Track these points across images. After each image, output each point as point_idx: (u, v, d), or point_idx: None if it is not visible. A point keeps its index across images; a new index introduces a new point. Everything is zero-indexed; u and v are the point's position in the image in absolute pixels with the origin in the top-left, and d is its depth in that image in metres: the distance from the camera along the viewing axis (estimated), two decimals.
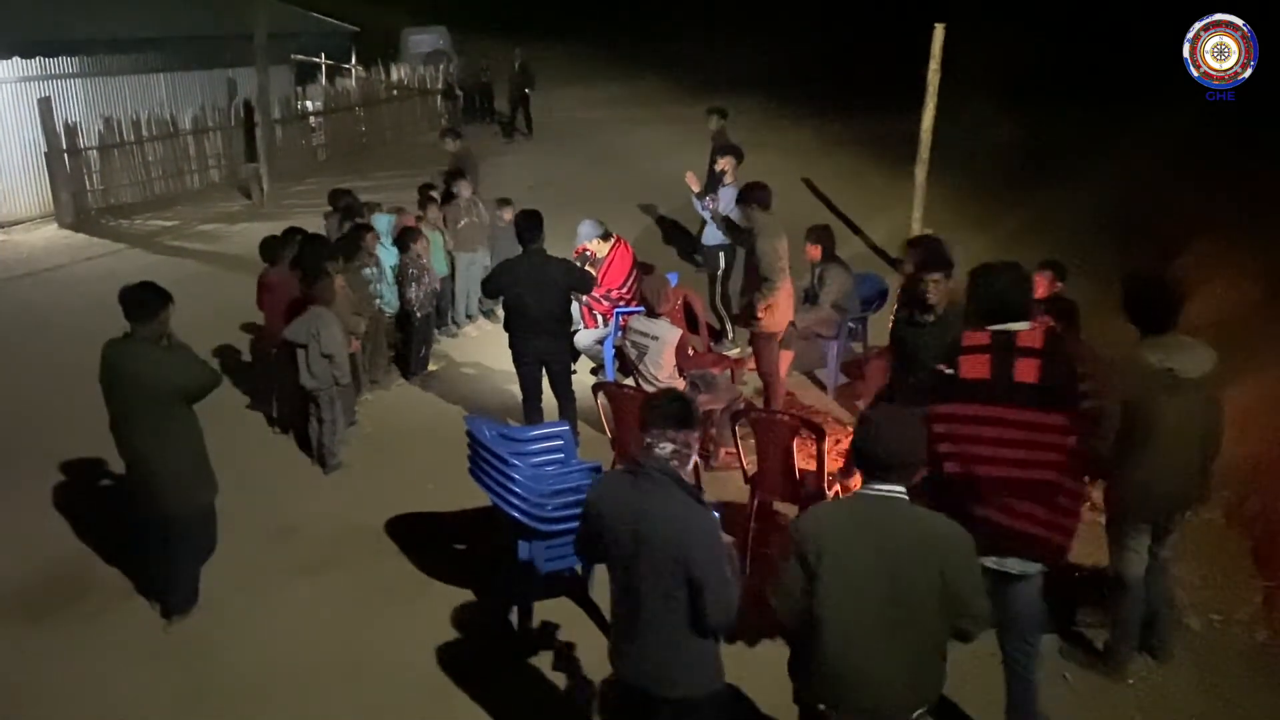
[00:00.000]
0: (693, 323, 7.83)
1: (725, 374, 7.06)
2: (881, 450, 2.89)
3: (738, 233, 7.22)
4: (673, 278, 7.58)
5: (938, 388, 3.63)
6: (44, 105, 12.96)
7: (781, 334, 6.84)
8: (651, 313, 6.59)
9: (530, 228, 6.39)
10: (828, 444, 5.20)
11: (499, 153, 16.61)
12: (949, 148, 9.93)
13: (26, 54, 13.83)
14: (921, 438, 2.99)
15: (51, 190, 13.45)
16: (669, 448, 3.01)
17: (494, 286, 6.67)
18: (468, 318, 9.45)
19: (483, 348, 8.83)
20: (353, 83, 18.98)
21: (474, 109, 19.57)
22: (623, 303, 7.91)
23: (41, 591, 5.35)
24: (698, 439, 3.15)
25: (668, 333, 6.43)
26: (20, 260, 11.99)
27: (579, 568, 4.96)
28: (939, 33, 8.95)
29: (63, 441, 6.65)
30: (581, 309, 8.02)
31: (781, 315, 6.74)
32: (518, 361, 6.55)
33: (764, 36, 19.89)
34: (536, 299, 6.31)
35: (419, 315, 8.06)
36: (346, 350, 6.61)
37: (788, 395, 7.20)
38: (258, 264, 7.38)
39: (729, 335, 8.76)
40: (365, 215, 8.31)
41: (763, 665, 4.32)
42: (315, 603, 5.22)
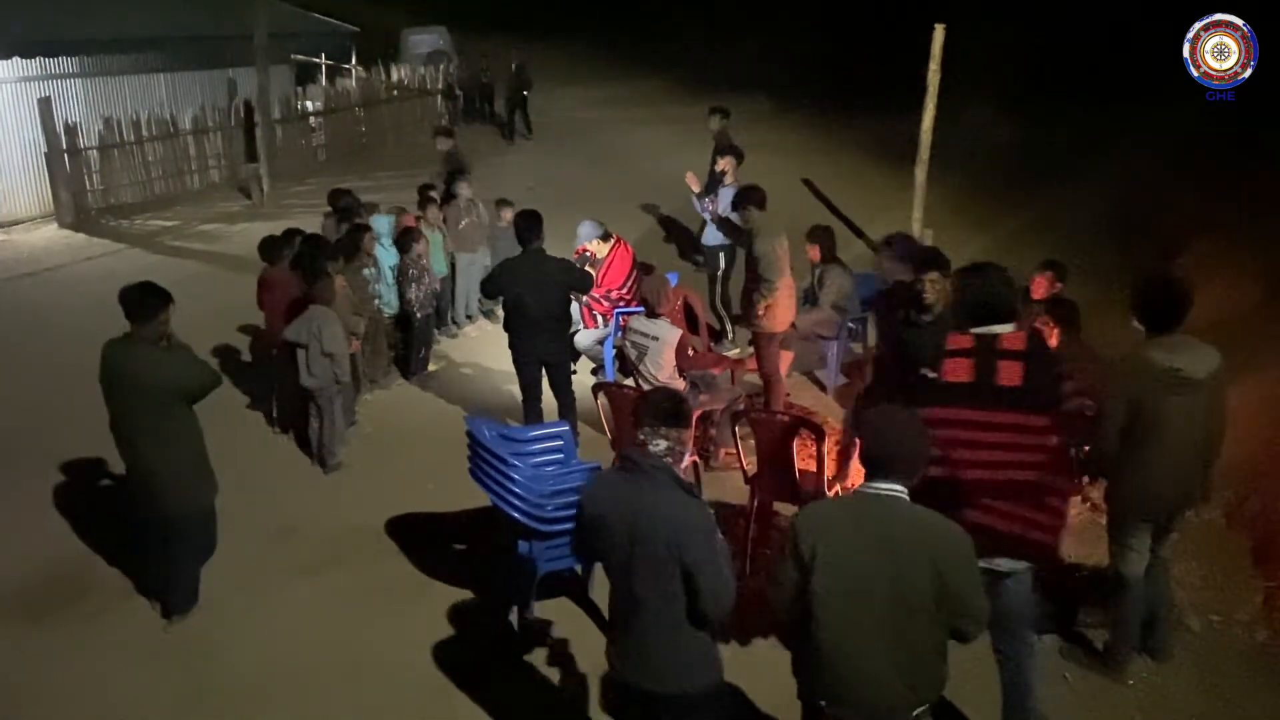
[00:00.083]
0: (693, 323, 7.82)
1: (725, 374, 7.06)
2: (881, 449, 2.90)
3: (737, 233, 7.22)
4: (673, 278, 7.57)
5: (921, 392, 3.63)
6: (44, 105, 12.95)
7: (782, 334, 6.84)
8: (651, 313, 6.59)
9: (530, 228, 6.39)
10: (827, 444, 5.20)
11: (499, 153, 16.61)
12: (949, 148, 9.93)
13: (26, 54, 13.82)
14: (924, 437, 2.98)
15: (51, 190, 13.44)
16: (663, 444, 3.06)
17: (494, 287, 6.68)
18: (468, 318, 9.45)
19: (483, 348, 8.83)
20: (353, 83, 18.97)
21: (474, 109, 19.56)
22: (623, 303, 7.91)
23: (41, 591, 5.35)
24: (690, 436, 3.18)
25: (668, 333, 6.43)
26: (20, 260, 11.98)
27: (579, 568, 4.96)
28: (939, 33, 8.95)
29: (63, 441, 6.65)
30: (581, 309, 8.02)
31: (782, 315, 6.75)
32: (517, 361, 6.55)
33: (764, 36, 19.89)
34: (536, 299, 6.32)
35: (419, 316, 8.06)
36: (347, 349, 6.61)
37: (786, 396, 7.20)
38: (258, 264, 7.38)
39: (729, 335, 8.76)
40: (363, 216, 8.31)
41: (763, 664, 4.33)
42: (315, 603, 5.23)
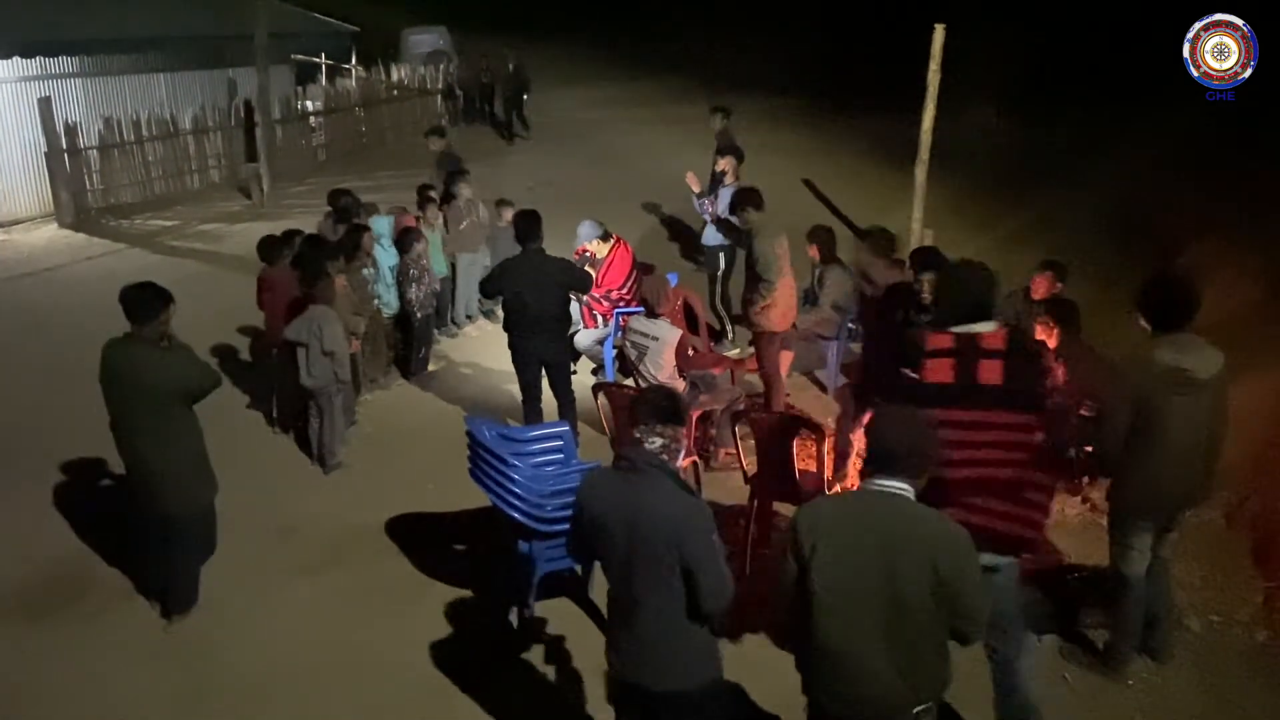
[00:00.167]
0: (693, 323, 7.82)
1: (725, 374, 7.05)
2: (884, 445, 2.89)
3: (736, 234, 7.22)
4: (673, 278, 7.58)
5: (902, 393, 3.64)
6: (44, 105, 12.94)
7: (782, 334, 6.84)
8: (651, 313, 6.59)
9: (529, 228, 6.39)
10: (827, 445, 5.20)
11: (499, 153, 16.61)
12: (949, 148, 9.92)
13: (26, 54, 13.81)
14: (931, 437, 2.97)
15: (51, 190, 13.43)
16: (658, 442, 3.08)
17: (493, 287, 6.68)
18: (468, 318, 9.45)
19: (482, 348, 8.83)
20: (353, 83, 18.97)
21: (474, 109, 19.56)
22: (623, 303, 7.91)
23: (41, 591, 5.35)
24: (685, 433, 3.20)
25: (668, 333, 6.44)
26: (20, 260, 11.97)
27: (579, 568, 4.96)
28: (939, 33, 8.94)
29: (63, 441, 6.65)
30: (581, 309, 8.02)
31: (782, 315, 6.74)
32: (517, 361, 6.55)
33: (764, 37, 19.91)
34: (536, 299, 6.32)
35: (419, 315, 8.06)
36: (347, 349, 6.61)
37: (786, 396, 7.19)
38: (258, 264, 7.38)
39: (729, 335, 8.76)
40: (363, 216, 8.31)
41: (763, 664, 4.33)
42: (315, 603, 5.22)
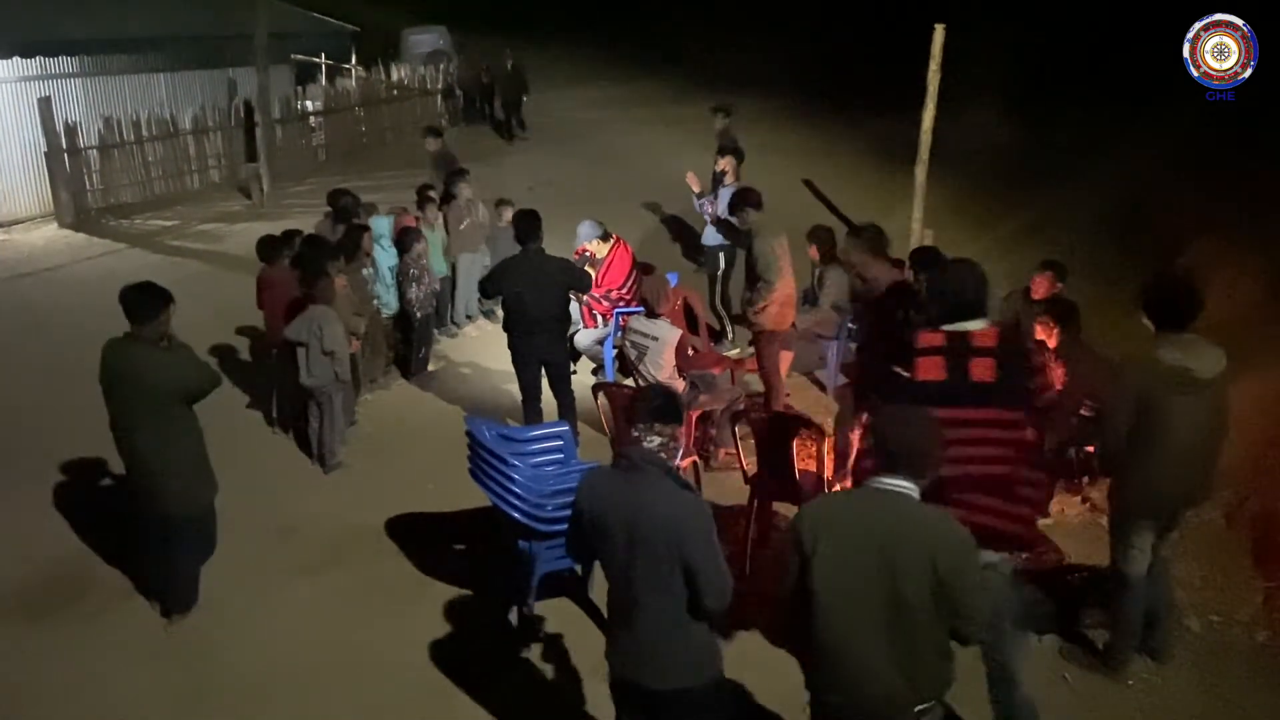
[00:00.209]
0: (693, 323, 7.82)
1: (725, 374, 7.05)
2: (889, 443, 2.89)
3: (736, 235, 7.22)
4: (673, 278, 7.58)
5: (894, 391, 3.64)
6: (44, 105, 12.93)
7: (782, 334, 6.84)
8: (651, 313, 6.59)
9: (529, 228, 6.39)
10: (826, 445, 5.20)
11: (499, 153, 16.61)
12: (949, 148, 9.91)
13: (26, 54, 13.81)
14: (937, 437, 2.96)
15: (51, 190, 13.43)
16: (657, 440, 3.10)
17: (493, 286, 6.68)
18: (468, 318, 9.45)
19: (483, 348, 8.83)
20: (353, 83, 18.97)
21: (474, 109, 19.55)
22: (622, 303, 7.91)
23: (41, 591, 5.35)
24: (684, 433, 3.22)
25: (668, 333, 6.44)
26: (20, 260, 11.97)
27: (579, 568, 4.96)
28: (939, 33, 8.93)
29: (63, 441, 6.64)
30: (581, 309, 8.02)
31: (782, 315, 6.74)
32: (517, 361, 6.55)
33: (764, 37, 19.88)
34: (536, 298, 6.32)
35: (419, 315, 8.06)
36: (347, 349, 6.61)
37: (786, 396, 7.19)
38: (258, 264, 7.38)
39: (729, 335, 8.76)
40: (362, 216, 8.30)
41: (763, 663, 4.33)
42: (315, 603, 5.23)
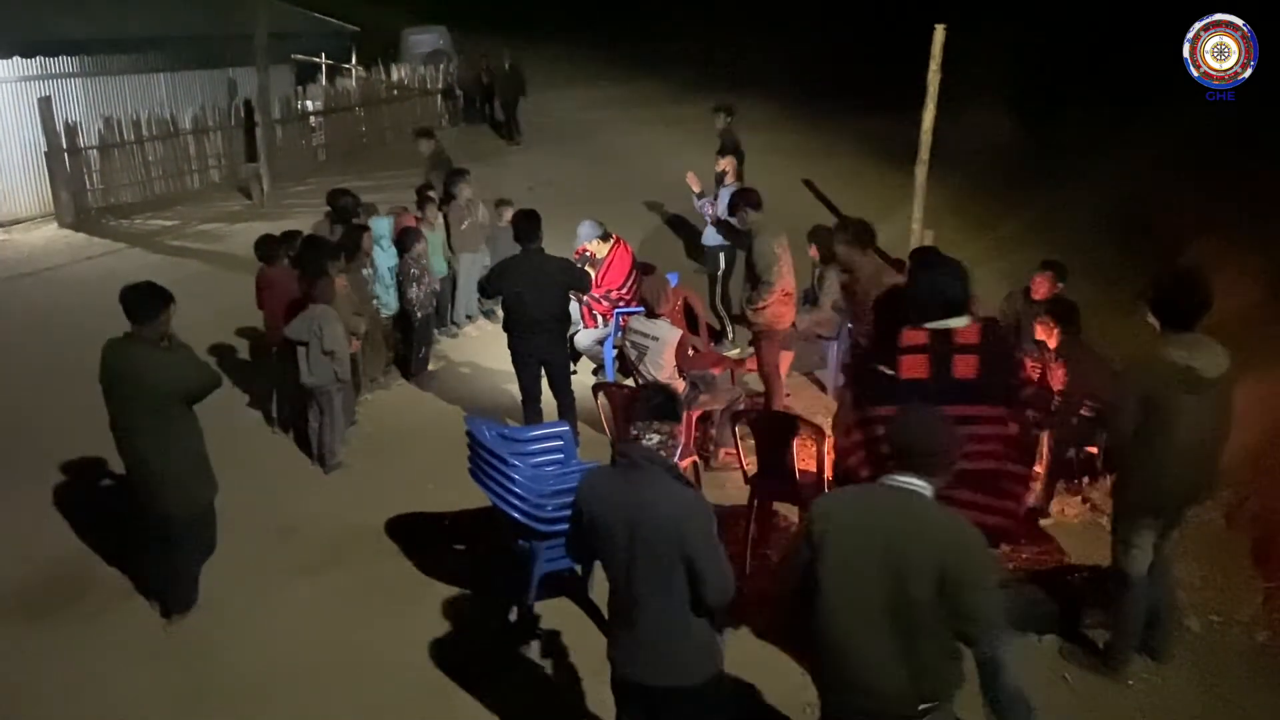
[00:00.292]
0: (693, 323, 7.82)
1: (725, 374, 7.05)
2: (904, 441, 2.88)
3: (735, 235, 7.22)
4: (673, 278, 7.58)
5: (880, 390, 3.64)
6: (44, 105, 12.93)
7: (782, 334, 6.84)
8: (651, 313, 6.59)
9: (528, 228, 6.39)
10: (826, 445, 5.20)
11: (499, 153, 16.61)
12: (949, 148, 9.91)
13: (26, 54, 13.80)
14: (951, 436, 2.94)
15: (51, 190, 13.42)
16: (656, 438, 3.10)
17: (493, 287, 6.68)
18: (467, 318, 9.45)
19: (482, 348, 8.83)
20: (353, 83, 18.95)
21: (474, 109, 19.55)
22: (622, 303, 7.91)
23: (41, 591, 5.35)
24: (683, 431, 3.23)
25: (668, 333, 6.44)
26: (20, 260, 11.96)
27: (579, 568, 4.96)
28: (939, 34, 8.93)
29: (63, 441, 6.64)
30: (581, 309, 8.02)
31: (782, 314, 6.74)
32: (517, 361, 6.55)
33: (764, 37, 19.89)
34: (535, 298, 6.32)
35: (419, 315, 8.06)
36: (348, 348, 6.61)
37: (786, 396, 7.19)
38: (257, 264, 7.37)
39: (729, 335, 8.76)
40: (362, 216, 8.30)
41: (764, 663, 4.34)
42: (315, 603, 5.22)
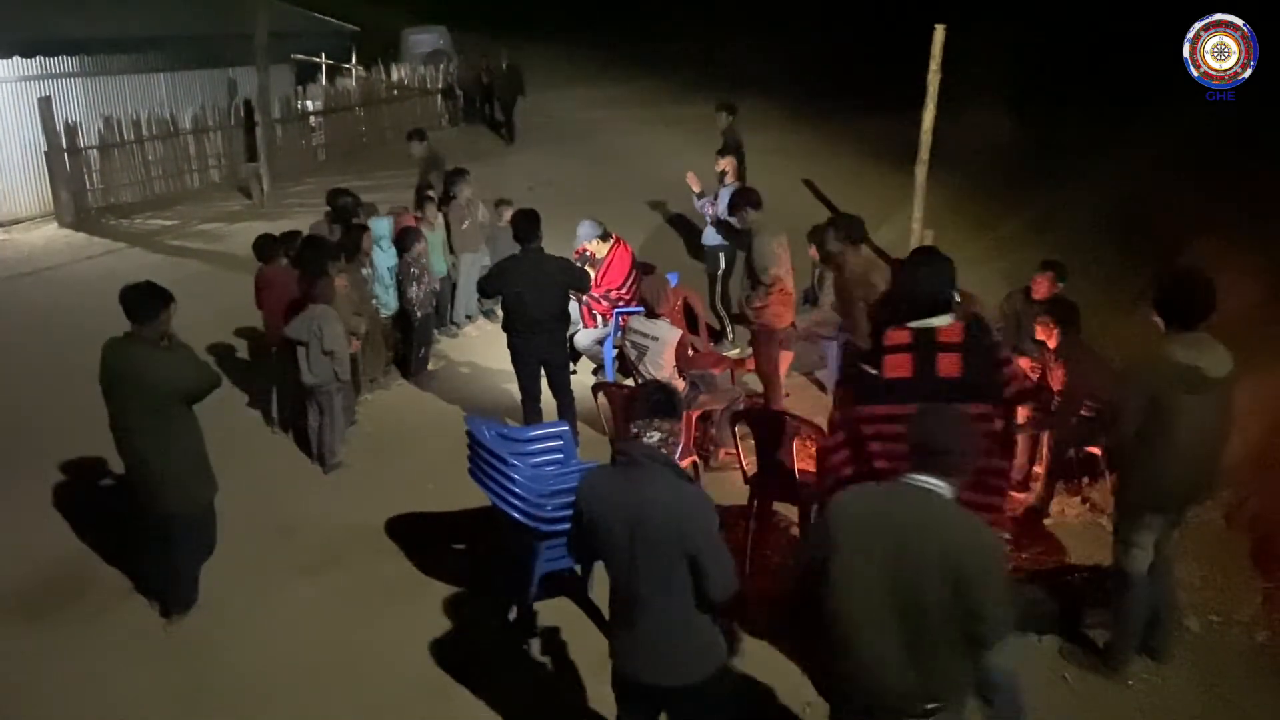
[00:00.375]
0: (693, 323, 7.82)
1: (725, 374, 7.05)
2: (922, 441, 2.87)
3: (735, 235, 7.22)
4: (673, 278, 7.58)
5: (864, 390, 3.64)
6: (44, 105, 12.92)
7: (782, 334, 6.84)
8: (651, 313, 6.59)
9: (528, 227, 6.39)
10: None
11: (499, 153, 16.61)
12: (949, 148, 9.91)
13: (26, 53, 13.80)
14: (971, 436, 2.94)
15: (51, 189, 13.41)
16: (656, 436, 3.11)
17: (493, 286, 6.67)
18: (467, 318, 9.45)
19: (482, 348, 8.83)
20: (353, 83, 18.95)
21: (474, 109, 19.55)
22: (622, 303, 7.91)
23: (41, 591, 5.35)
24: (683, 429, 3.23)
25: (668, 333, 6.44)
26: (20, 259, 11.95)
27: (579, 568, 4.96)
28: (939, 34, 8.94)
29: (63, 441, 6.64)
30: (581, 309, 8.02)
31: (782, 314, 6.74)
32: (517, 361, 6.54)
33: (764, 37, 19.88)
34: (535, 298, 6.31)
35: (419, 315, 8.06)
36: (348, 348, 6.60)
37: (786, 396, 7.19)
38: (257, 264, 7.38)
39: (729, 335, 8.76)
40: (362, 216, 8.30)
41: (764, 662, 4.34)
42: (315, 603, 5.22)
